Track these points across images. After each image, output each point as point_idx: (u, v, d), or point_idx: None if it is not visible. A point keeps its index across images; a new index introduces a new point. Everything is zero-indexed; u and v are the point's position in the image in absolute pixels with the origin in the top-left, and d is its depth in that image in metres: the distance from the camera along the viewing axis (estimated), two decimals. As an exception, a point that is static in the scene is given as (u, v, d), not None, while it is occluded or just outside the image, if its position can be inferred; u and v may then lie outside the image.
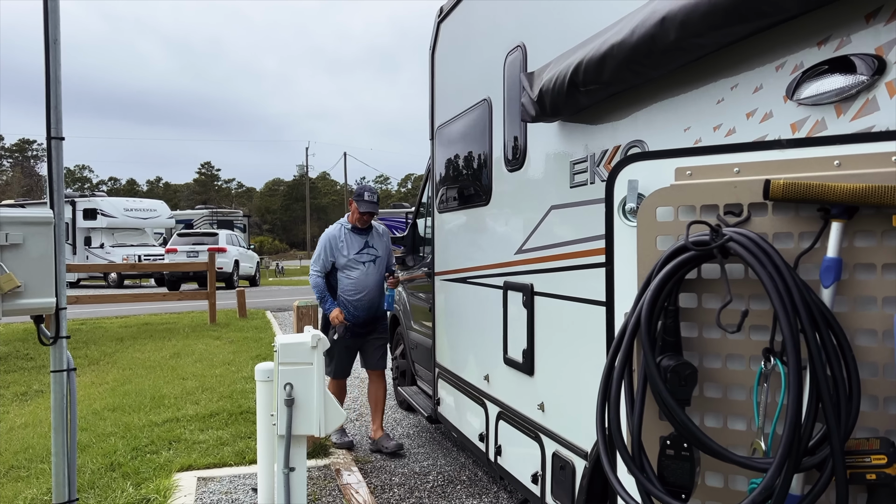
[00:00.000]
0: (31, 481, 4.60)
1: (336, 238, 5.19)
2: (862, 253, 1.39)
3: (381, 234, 5.38)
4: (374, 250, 5.25)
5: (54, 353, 2.86)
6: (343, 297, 5.16)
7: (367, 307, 5.23)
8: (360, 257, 5.18)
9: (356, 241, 5.19)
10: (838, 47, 1.74)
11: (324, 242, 5.22)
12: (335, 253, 5.16)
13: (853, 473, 1.33)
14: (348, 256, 5.14)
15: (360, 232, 5.22)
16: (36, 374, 8.23)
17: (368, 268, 5.19)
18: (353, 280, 5.14)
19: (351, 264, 5.14)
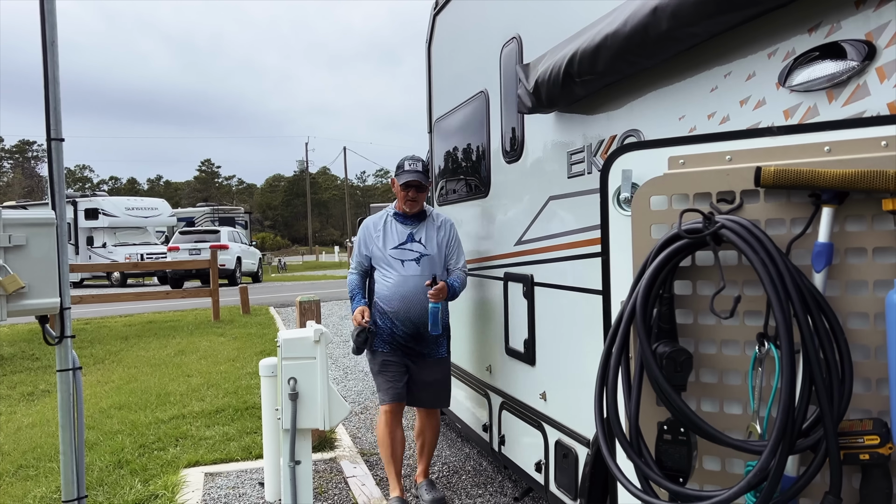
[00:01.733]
0: (40, 480, 4.65)
1: (373, 226, 3.96)
2: (853, 237, 1.40)
3: (438, 225, 3.95)
4: (421, 245, 3.87)
5: (60, 353, 2.89)
6: (379, 306, 3.88)
7: (411, 322, 3.82)
8: (400, 253, 3.84)
9: (397, 231, 3.90)
10: (829, 33, 1.75)
11: (359, 233, 4.06)
12: (369, 244, 3.94)
13: (847, 454, 1.35)
14: (383, 251, 3.87)
15: (406, 220, 3.92)
16: (42, 374, 8.28)
17: (409, 268, 3.82)
18: (388, 284, 3.83)
19: (386, 261, 3.86)
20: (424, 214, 3.93)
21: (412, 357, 3.90)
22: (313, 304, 5.40)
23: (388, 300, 3.81)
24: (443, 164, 4.88)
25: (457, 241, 3.97)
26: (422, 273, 3.79)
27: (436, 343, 3.93)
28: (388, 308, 3.82)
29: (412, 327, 3.80)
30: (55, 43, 2.86)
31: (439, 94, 4.91)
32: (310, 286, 21.24)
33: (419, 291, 3.75)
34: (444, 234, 3.92)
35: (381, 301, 3.85)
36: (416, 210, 3.89)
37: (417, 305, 3.76)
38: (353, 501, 4.18)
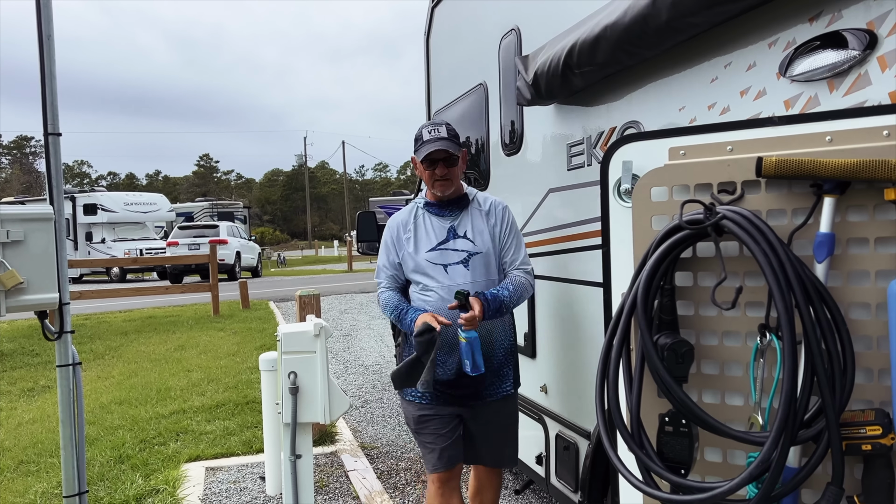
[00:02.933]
0: (42, 475, 4.66)
1: (402, 226, 2.90)
2: (854, 227, 1.40)
3: (486, 210, 2.88)
4: (468, 242, 2.81)
5: (59, 349, 2.89)
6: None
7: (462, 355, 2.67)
8: (440, 256, 2.80)
9: (433, 227, 2.85)
10: (830, 23, 1.74)
11: (384, 237, 2.97)
12: (400, 251, 2.87)
13: (849, 445, 1.34)
14: (416, 256, 2.82)
15: (441, 210, 2.85)
16: (42, 369, 8.28)
17: (456, 274, 2.77)
18: (430, 300, 2.79)
19: (422, 270, 2.80)
20: (466, 199, 2.86)
21: (464, 401, 2.82)
22: (313, 298, 5.40)
23: None
24: (442, 157, 4.86)
25: (514, 230, 2.89)
26: (474, 279, 2.76)
27: (497, 376, 2.84)
28: None
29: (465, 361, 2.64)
30: (51, 37, 2.84)
31: (438, 87, 4.89)
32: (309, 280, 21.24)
33: None
34: (497, 222, 2.84)
35: None
36: (450, 192, 2.81)
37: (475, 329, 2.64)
38: (353, 495, 4.19)
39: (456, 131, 2.85)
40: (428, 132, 2.79)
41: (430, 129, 2.80)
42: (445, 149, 2.71)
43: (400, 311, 2.82)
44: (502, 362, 2.86)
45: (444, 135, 2.76)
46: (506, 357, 2.87)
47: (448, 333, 2.67)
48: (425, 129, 2.81)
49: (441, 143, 2.71)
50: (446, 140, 2.75)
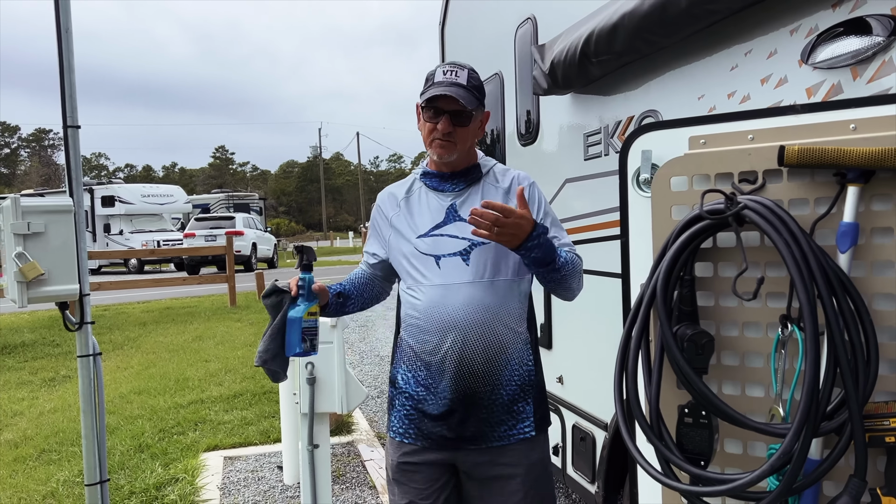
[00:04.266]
0: (63, 464, 4.73)
1: (391, 200, 2.21)
2: (879, 217, 1.38)
3: (506, 187, 2.13)
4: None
5: (80, 339, 2.92)
6: (405, 342, 2.12)
7: (463, 376, 2.00)
8: (433, 244, 2.07)
9: (431, 204, 2.13)
10: (853, 9, 1.71)
11: (371, 217, 2.29)
12: (386, 233, 2.18)
13: (872, 437, 1.33)
14: (404, 241, 2.12)
15: (443, 183, 2.13)
16: (63, 359, 8.39)
17: (450, 270, 2.04)
18: (418, 304, 2.07)
19: (409, 260, 2.10)
20: (478, 171, 2.11)
21: (464, 445, 2.04)
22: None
23: (419, 331, 2.04)
24: (457, 147, 4.85)
25: (548, 212, 2.12)
26: (475, 278, 1.99)
27: (509, 413, 2.04)
28: (419, 346, 2.04)
29: (464, 387, 1.99)
30: (69, 30, 2.86)
31: (453, 77, 4.87)
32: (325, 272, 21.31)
33: (473, 313, 1.97)
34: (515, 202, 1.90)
35: (408, 336, 2.08)
36: (453, 159, 2.05)
37: (474, 343, 1.97)
38: (370, 484, 4.22)
39: (482, 82, 2.11)
40: (443, 72, 2.04)
41: (446, 69, 2.05)
42: (456, 97, 1.95)
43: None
44: (516, 394, 2.03)
45: (463, 81, 2.01)
46: (522, 388, 2.04)
47: (473, 341, 1.97)
48: (441, 68, 2.06)
49: (454, 90, 1.97)
50: (463, 89, 2.00)
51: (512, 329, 2.04)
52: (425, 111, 2.03)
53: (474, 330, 1.99)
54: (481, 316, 1.99)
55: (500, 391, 2.02)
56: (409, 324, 2.09)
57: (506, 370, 2.03)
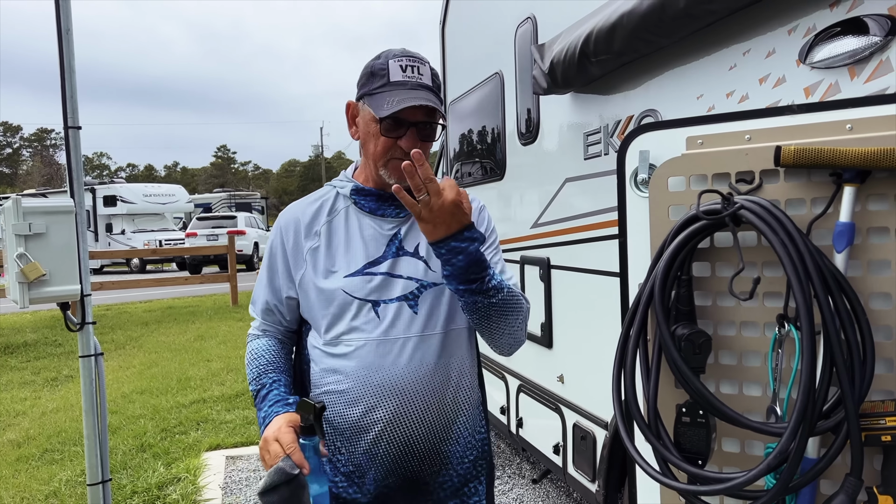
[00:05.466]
0: (66, 463, 4.74)
1: (304, 225, 1.66)
2: (875, 217, 1.38)
3: None
4: (421, 263, 1.62)
5: (82, 339, 2.93)
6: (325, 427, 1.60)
7: (414, 456, 1.60)
8: (373, 286, 1.58)
9: (365, 231, 1.63)
10: (851, 8, 1.71)
11: (269, 245, 1.72)
12: (297, 271, 1.64)
13: (868, 436, 1.33)
14: (330, 282, 1.59)
15: (382, 205, 1.64)
16: (65, 359, 8.41)
17: (396, 320, 1.57)
18: (346, 363, 1.57)
19: (334, 309, 1.59)
20: None
21: None
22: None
23: (342, 407, 1.58)
24: (458, 147, 4.86)
25: (497, 245, 1.76)
26: (424, 330, 1.59)
27: (458, 496, 1.69)
28: (343, 426, 1.59)
29: (402, 474, 1.61)
30: (70, 31, 2.87)
31: (454, 77, 4.88)
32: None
33: (421, 376, 1.57)
34: None
35: (333, 415, 1.60)
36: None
37: (418, 414, 1.58)
38: None
39: (435, 75, 1.62)
40: (401, 68, 1.54)
41: (405, 63, 1.55)
42: (432, 106, 1.52)
43: (260, 389, 1.62)
44: (468, 473, 1.69)
45: (429, 81, 1.58)
46: (475, 464, 1.70)
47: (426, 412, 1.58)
48: (396, 61, 1.55)
49: (424, 96, 1.52)
50: (431, 92, 1.56)
51: (465, 391, 1.65)
52: (385, 124, 1.51)
53: (420, 398, 1.57)
54: (430, 379, 1.57)
55: (450, 472, 1.65)
56: (327, 390, 1.58)
57: (457, 446, 1.65)
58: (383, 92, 1.53)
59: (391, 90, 1.52)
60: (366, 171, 1.66)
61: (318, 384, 1.62)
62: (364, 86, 1.59)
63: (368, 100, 1.56)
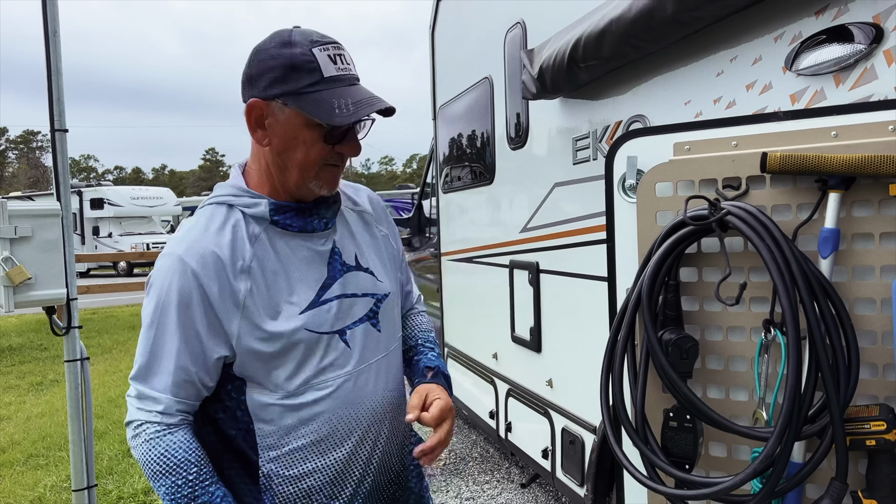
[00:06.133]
0: (51, 469, 4.70)
1: (225, 262, 1.27)
2: (860, 223, 1.39)
3: (364, 209, 1.55)
4: (368, 276, 1.45)
5: (67, 343, 2.91)
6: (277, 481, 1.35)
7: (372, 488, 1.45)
8: (334, 313, 1.36)
9: (298, 256, 1.36)
10: (836, 16, 1.73)
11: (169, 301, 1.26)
12: (229, 324, 1.28)
13: (853, 440, 1.34)
14: (292, 326, 1.30)
15: (304, 219, 1.37)
16: (51, 363, 8.33)
17: (362, 344, 1.40)
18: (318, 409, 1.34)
19: (306, 357, 1.33)
20: (338, 197, 1.46)
21: None
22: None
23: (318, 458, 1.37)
24: (447, 151, 4.87)
25: (401, 245, 1.67)
26: (388, 345, 1.48)
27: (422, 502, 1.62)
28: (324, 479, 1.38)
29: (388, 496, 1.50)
30: (57, 33, 2.85)
31: (443, 81, 4.89)
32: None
33: (389, 398, 1.46)
34: (389, 232, 1.60)
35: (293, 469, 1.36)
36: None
37: (390, 438, 1.47)
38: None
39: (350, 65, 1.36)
40: (330, 58, 1.29)
41: (330, 51, 1.30)
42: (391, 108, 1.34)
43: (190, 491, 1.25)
44: (421, 476, 1.63)
45: (356, 71, 1.36)
46: (419, 467, 1.60)
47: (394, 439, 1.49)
48: (321, 50, 1.28)
49: (375, 97, 1.33)
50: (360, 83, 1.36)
51: (405, 398, 1.52)
52: (331, 130, 1.29)
53: (392, 417, 1.47)
54: (398, 395, 1.49)
55: (413, 483, 1.57)
56: (293, 448, 1.35)
57: (411, 455, 1.53)
58: (320, 91, 1.26)
59: (329, 88, 1.27)
60: (271, 181, 1.36)
61: (275, 446, 1.34)
62: (282, 82, 1.26)
63: (296, 100, 1.26)
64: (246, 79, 1.32)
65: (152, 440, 1.27)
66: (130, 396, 1.32)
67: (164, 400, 1.28)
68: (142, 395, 1.30)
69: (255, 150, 1.39)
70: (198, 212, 1.37)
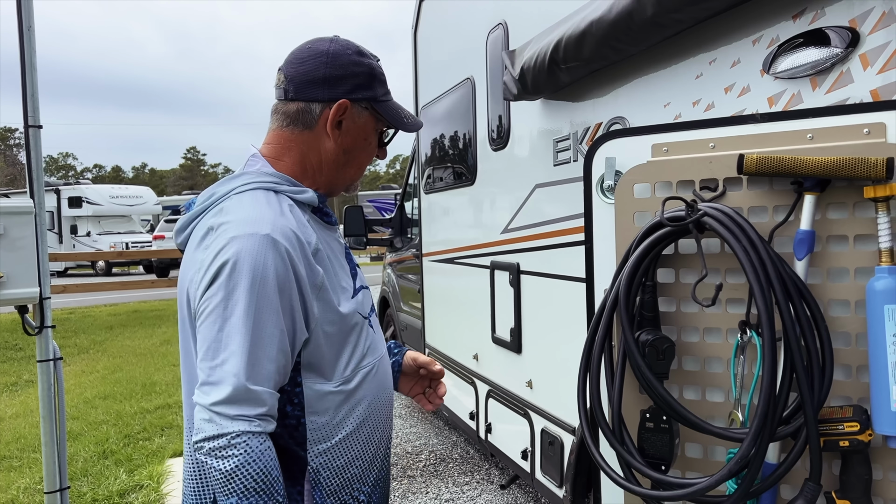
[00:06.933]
0: (24, 471, 4.62)
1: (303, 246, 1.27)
2: (834, 225, 1.40)
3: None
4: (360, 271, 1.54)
5: (40, 343, 2.86)
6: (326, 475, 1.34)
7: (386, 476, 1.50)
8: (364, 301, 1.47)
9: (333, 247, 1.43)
10: (813, 20, 1.74)
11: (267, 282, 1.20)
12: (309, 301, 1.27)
13: (827, 441, 1.35)
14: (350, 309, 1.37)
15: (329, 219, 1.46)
16: (25, 364, 8.21)
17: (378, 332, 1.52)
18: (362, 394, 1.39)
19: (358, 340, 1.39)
20: None
21: None
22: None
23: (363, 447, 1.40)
24: (429, 151, 4.86)
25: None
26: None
27: None
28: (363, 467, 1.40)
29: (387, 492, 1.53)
30: (32, 28, 2.81)
31: (425, 81, 4.88)
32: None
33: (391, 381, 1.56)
34: None
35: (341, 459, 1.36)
36: None
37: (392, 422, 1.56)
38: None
39: None
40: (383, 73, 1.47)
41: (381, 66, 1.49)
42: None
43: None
44: None
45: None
46: None
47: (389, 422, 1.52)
48: (378, 63, 1.48)
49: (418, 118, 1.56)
50: None
51: None
52: (389, 137, 1.50)
53: (393, 404, 1.54)
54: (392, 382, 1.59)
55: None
56: (339, 440, 1.35)
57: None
58: (389, 101, 1.45)
59: (392, 100, 1.46)
60: (312, 175, 1.41)
61: (326, 437, 1.33)
62: (365, 88, 1.40)
63: (378, 106, 1.42)
64: (323, 79, 1.37)
65: (252, 454, 1.15)
66: (217, 403, 1.15)
67: (268, 398, 1.19)
68: (240, 399, 1.15)
69: (296, 144, 1.40)
70: (242, 196, 1.31)
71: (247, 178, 1.34)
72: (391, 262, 6.43)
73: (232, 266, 1.19)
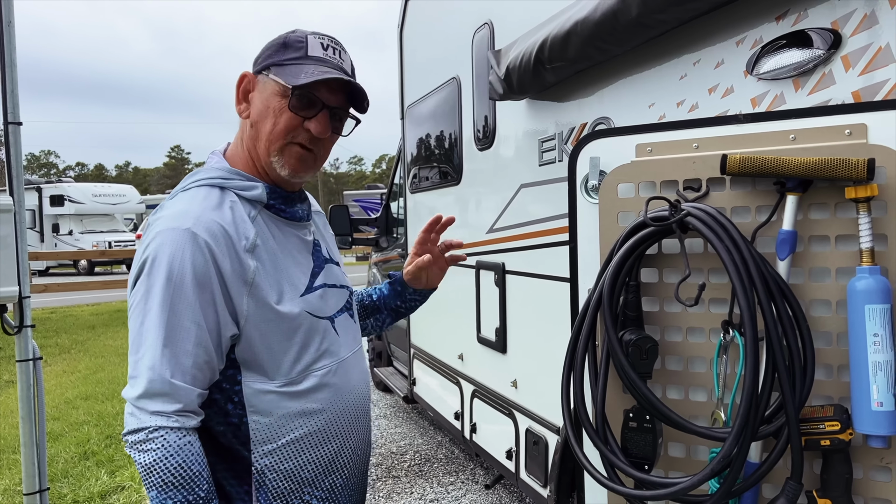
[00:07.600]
0: (4, 472, 4.56)
1: (230, 240, 1.25)
2: (816, 225, 1.41)
3: (316, 209, 1.58)
4: (338, 269, 1.53)
5: (19, 343, 2.83)
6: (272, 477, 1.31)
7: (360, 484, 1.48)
8: (325, 300, 1.41)
9: (289, 242, 1.39)
10: (796, 22, 1.76)
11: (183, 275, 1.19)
12: (240, 300, 1.25)
13: (808, 440, 1.36)
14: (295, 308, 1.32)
15: (293, 207, 1.42)
16: (6, 364, 8.11)
17: (347, 333, 1.46)
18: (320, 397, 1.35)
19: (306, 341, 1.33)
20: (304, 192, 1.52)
21: None
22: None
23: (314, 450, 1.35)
24: (415, 151, 4.85)
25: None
26: (359, 337, 1.56)
27: None
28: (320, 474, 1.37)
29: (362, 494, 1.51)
30: (12, 23, 2.77)
31: (411, 81, 4.87)
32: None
33: (366, 388, 1.50)
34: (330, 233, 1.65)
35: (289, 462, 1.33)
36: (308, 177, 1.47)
37: (368, 429, 1.51)
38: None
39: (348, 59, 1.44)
40: (322, 45, 1.36)
41: (325, 42, 1.37)
42: (359, 87, 1.38)
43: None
44: None
45: (349, 69, 1.40)
46: None
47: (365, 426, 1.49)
48: (316, 38, 1.36)
49: (345, 77, 1.35)
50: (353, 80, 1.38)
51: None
52: (296, 96, 1.31)
53: (365, 409, 1.49)
54: (367, 387, 1.51)
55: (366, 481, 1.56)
56: (289, 440, 1.31)
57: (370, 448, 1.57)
58: (299, 63, 1.32)
59: (309, 63, 1.32)
60: (249, 163, 1.37)
61: (270, 438, 1.30)
62: (270, 57, 1.35)
63: (276, 70, 1.33)
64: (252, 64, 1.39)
65: (170, 448, 1.16)
66: (137, 398, 1.18)
67: (184, 393, 1.19)
68: (155, 392, 1.17)
69: (238, 133, 1.41)
70: (185, 192, 1.31)
71: (199, 174, 1.35)
72: (377, 262, 6.42)
73: (152, 261, 1.21)
